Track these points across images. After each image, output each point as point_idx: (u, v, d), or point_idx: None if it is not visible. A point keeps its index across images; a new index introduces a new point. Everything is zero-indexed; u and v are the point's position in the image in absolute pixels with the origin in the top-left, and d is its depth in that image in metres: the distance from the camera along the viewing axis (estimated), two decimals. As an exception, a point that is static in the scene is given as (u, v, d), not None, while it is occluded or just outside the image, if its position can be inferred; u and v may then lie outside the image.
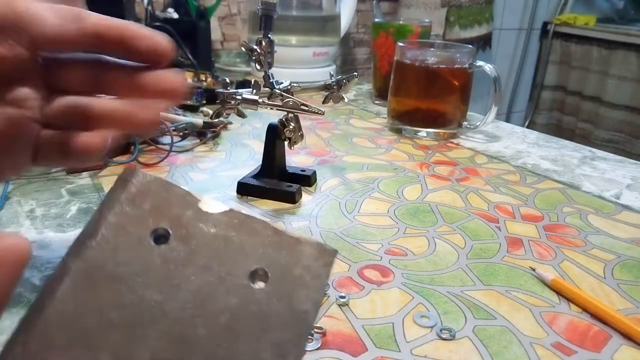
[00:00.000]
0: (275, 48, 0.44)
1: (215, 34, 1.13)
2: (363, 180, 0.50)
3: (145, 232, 0.18)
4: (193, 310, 0.17)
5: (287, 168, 0.49)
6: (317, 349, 0.27)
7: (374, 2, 1.26)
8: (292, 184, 0.45)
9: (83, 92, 0.26)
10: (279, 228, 0.19)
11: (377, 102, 0.83)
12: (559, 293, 0.33)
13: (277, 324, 0.17)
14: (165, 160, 0.53)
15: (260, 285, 0.18)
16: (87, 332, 0.16)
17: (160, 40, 0.25)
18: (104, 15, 0.24)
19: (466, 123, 0.66)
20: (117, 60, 0.26)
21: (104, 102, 0.25)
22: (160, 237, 0.18)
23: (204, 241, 0.18)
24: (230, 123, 0.66)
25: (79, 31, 0.23)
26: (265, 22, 0.43)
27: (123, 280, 0.17)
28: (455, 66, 0.64)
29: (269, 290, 0.18)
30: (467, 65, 0.63)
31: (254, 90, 0.43)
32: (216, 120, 0.59)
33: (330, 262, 0.19)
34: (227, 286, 0.18)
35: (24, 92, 0.24)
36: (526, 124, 1.97)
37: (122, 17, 0.77)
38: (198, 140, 0.59)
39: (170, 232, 0.18)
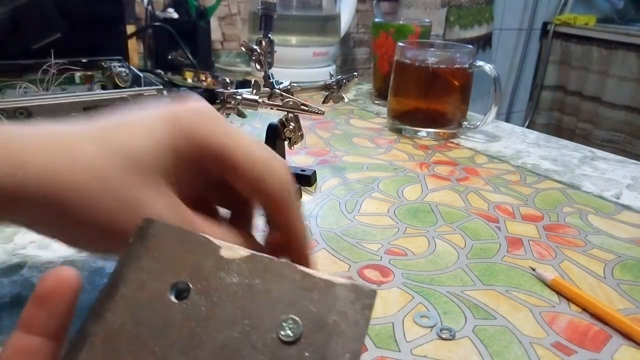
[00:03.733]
0: (275, 48, 0.44)
1: (215, 34, 1.13)
2: (363, 180, 0.50)
3: (165, 287, 0.17)
4: None
5: (287, 168, 0.49)
6: (317, 349, 0.27)
7: (374, 2, 1.26)
8: (292, 184, 0.45)
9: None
10: (308, 270, 0.17)
11: (377, 102, 0.83)
12: (559, 293, 0.33)
13: None
14: (165, 160, 0.53)
15: (290, 337, 0.16)
16: None
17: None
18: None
19: (466, 123, 0.66)
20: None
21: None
22: (182, 292, 0.17)
23: (226, 292, 0.17)
24: (231, 123, 0.66)
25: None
26: (265, 22, 0.43)
27: (143, 342, 0.16)
28: (455, 66, 0.64)
29: (301, 342, 0.16)
30: (467, 65, 0.63)
31: (254, 90, 0.43)
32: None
33: (370, 305, 0.17)
34: (253, 341, 0.16)
35: None
36: (526, 124, 1.97)
37: (122, 17, 0.77)
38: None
39: (191, 285, 0.17)
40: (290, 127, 0.45)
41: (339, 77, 0.47)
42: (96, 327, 0.17)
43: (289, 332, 0.16)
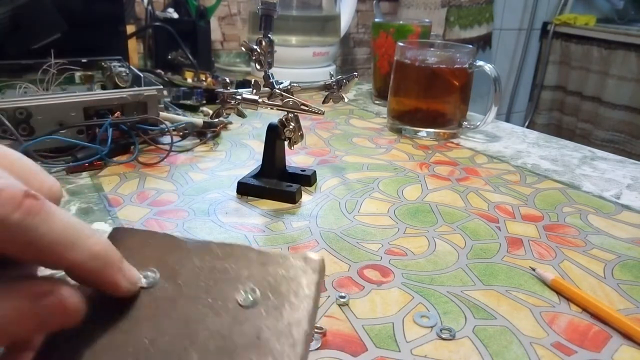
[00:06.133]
0: (275, 48, 0.44)
1: (215, 34, 1.13)
2: (363, 180, 0.50)
3: None
4: (185, 340, 0.18)
5: (287, 168, 0.49)
6: (317, 349, 0.27)
7: (374, 2, 1.26)
8: (292, 184, 0.45)
9: None
10: (263, 249, 0.20)
11: (377, 102, 0.83)
12: (559, 293, 0.33)
13: (272, 336, 0.17)
14: (165, 160, 0.53)
15: (249, 301, 0.18)
16: None
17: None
18: None
19: (466, 123, 0.66)
20: None
21: None
22: (150, 280, 0.20)
23: (190, 276, 0.19)
24: (230, 123, 0.66)
25: None
26: (265, 22, 0.43)
27: (114, 323, 0.18)
28: (455, 66, 0.64)
29: (259, 304, 0.18)
30: (467, 65, 0.63)
31: (254, 90, 0.43)
32: (216, 120, 0.59)
33: (317, 269, 0.19)
34: (216, 310, 0.18)
35: None
36: (526, 124, 1.97)
37: (122, 17, 0.77)
38: (198, 140, 0.59)
39: (158, 274, 0.19)
40: (290, 127, 0.45)
41: (339, 77, 0.47)
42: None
43: (248, 297, 0.18)
